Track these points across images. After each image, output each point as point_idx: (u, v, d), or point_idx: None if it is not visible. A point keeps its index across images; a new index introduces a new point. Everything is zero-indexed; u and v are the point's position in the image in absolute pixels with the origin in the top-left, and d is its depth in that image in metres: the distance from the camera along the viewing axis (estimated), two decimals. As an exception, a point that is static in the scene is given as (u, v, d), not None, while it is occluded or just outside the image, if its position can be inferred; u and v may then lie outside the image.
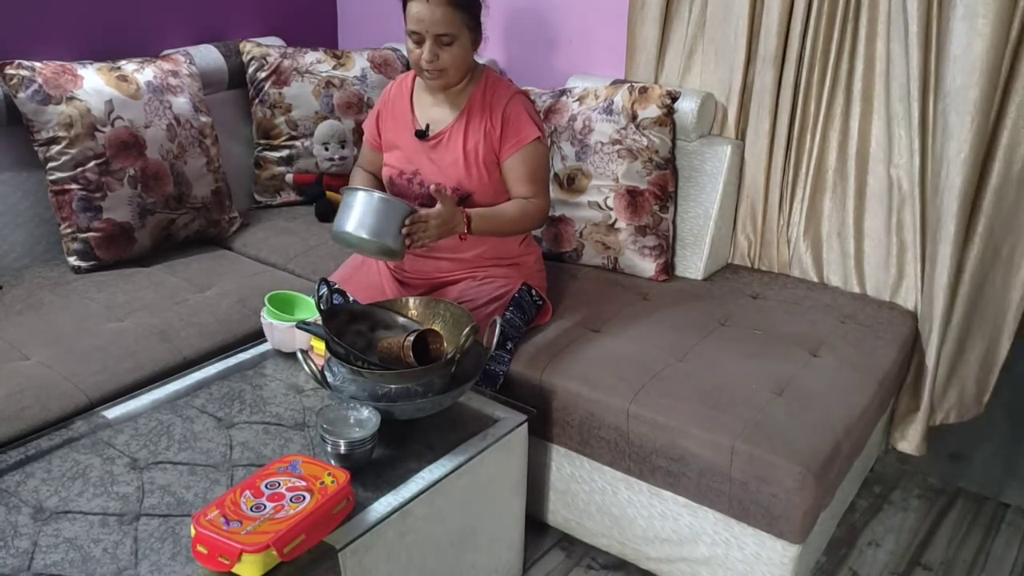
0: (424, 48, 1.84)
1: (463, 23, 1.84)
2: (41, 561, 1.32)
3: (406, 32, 1.87)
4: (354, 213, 1.76)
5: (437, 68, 1.86)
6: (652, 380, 1.85)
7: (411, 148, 2.00)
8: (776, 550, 1.71)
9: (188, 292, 2.17)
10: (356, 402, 1.60)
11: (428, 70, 1.87)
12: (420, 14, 1.81)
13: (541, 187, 1.99)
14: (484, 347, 1.77)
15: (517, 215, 1.95)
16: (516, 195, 1.98)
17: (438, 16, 1.80)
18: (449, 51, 1.85)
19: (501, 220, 1.94)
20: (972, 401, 2.28)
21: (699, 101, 2.31)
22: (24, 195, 2.28)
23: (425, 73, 1.89)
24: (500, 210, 1.95)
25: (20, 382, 1.74)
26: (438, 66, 1.86)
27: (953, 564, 2.07)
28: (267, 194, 2.76)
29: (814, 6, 2.15)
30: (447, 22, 1.81)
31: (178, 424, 1.67)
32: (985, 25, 1.87)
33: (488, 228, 1.91)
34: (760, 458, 1.65)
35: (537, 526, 2.06)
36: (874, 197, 2.24)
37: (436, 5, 1.80)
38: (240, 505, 1.33)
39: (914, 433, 2.27)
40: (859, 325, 2.12)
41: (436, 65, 1.86)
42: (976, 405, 2.28)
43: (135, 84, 2.29)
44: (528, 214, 1.96)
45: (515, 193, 1.98)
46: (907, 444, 2.29)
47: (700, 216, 2.36)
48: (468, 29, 1.86)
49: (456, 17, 1.82)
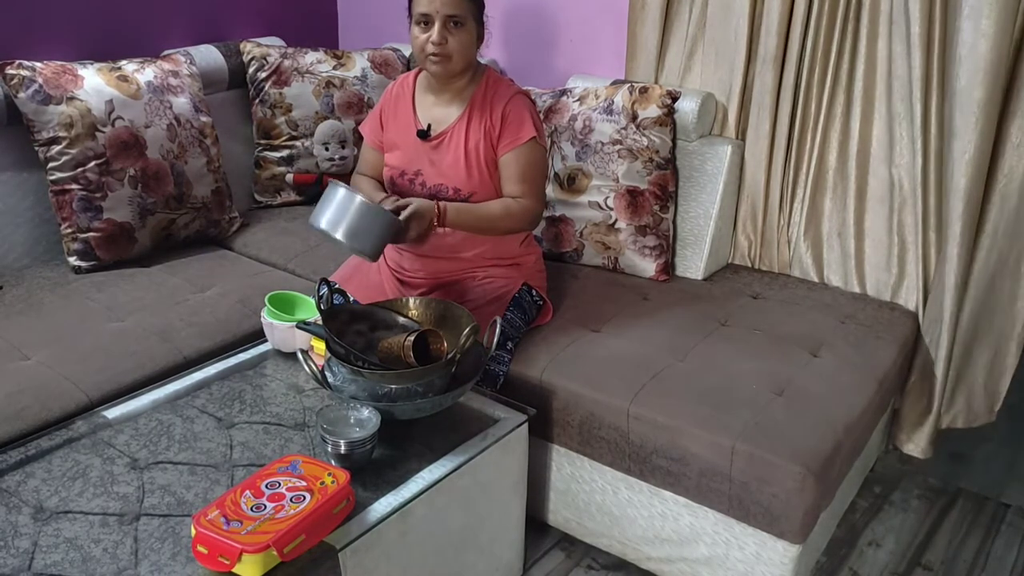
0: (433, 31, 1.84)
1: (471, 12, 1.87)
2: (41, 561, 1.32)
3: (412, 21, 1.88)
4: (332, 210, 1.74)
5: (443, 53, 1.86)
6: (652, 380, 1.85)
7: (413, 148, 2.00)
8: (776, 550, 1.71)
9: (188, 292, 2.17)
10: (356, 402, 1.60)
11: (434, 54, 1.86)
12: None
13: (532, 188, 1.96)
14: (484, 347, 1.77)
15: (498, 213, 1.93)
16: (506, 193, 1.97)
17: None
18: (457, 35, 1.85)
19: (479, 215, 1.92)
20: (982, 408, 2.26)
21: (699, 101, 2.31)
22: (24, 195, 2.28)
23: (430, 58, 1.88)
24: (480, 206, 1.93)
25: (20, 382, 1.74)
26: (445, 50, 1.86)
27: (953, 564, 2.07)
28: (267, 194, 2.76)
29: (814, 6, 2.15)
30: (458, 3, 1.84)
31: (178, 424, 1.67)
32: (989, 25, 1.87)
33: (465, 221, 1.91)
34: (760, 458, 1.65)
35: (537, 526, 2.06)
36: (875, 197, 2.24)
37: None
38: (240, 505, 1.33)
39: (921, 436, 2.27)
40: (859, 325, 2.12)
41: (443, 49, 1.85)
42: (987, 413, 2.26)
43: (135, 84, 2.29)
44: (511, 214, 1.94)
45: (505, 191, 1.97)
46: (913, 447, 2.29)
47: (700, 216, 2.36)
48: (475, 20, 1.89)
49: (465, 1, 1.85)
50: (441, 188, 1.97)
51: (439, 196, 1.97)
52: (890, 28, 2.10)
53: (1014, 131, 2.02)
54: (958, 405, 2.28)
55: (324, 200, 1.77)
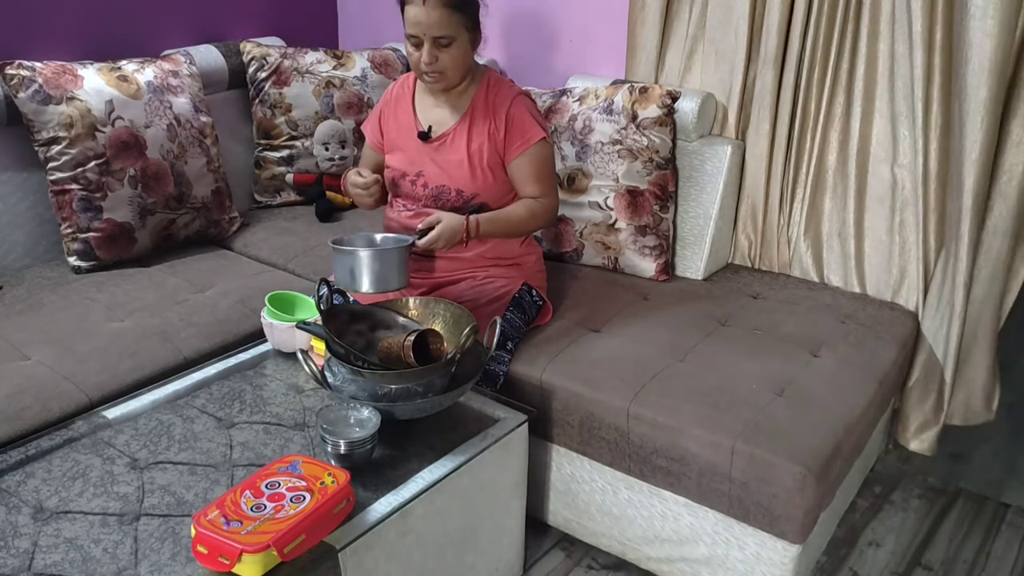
0: (423, 51, 1.84)
1: (461, 24, 1.84)
2: (41, 561, 1.32)
3: (405, 35, 1.87)
4: (355, 273, 1.77)
5: (436, 70, 1.86)
6: (652, 380, 1.85)
7: (414, 150, 2.00)
8: (776, 550, 1.71)
9: (188, 292, 2.17)
10: (356, 402, 1.60)
11: (427, 72, 1.87)
12: (417, 17, 1.81)
13: (549, 186, 2.00)
14: (484, 347, 1.77)
15: (525, 215, 1.97)
16: (524, 195, 1.99)
17: (435, 18, 1.80)
18: (448, 53, 1.85)
19: (510, 220, 1.96)
20: (981, 406, 2.27)
21: (699, 101, 2.31)
22: (24, 195, 2.28)
23: (425, 76, 1.89)
24: (507, 212, 1.97)
25: (20, 382, 1.74)
26: (437, 68, 1.86)
27: (953, 564, 2.07)
28: (267, 194, 2.76)
29: (815, 6, 2.15)
30: (444, 24, 1.81)
31: (178, 424, 1.67)
32: (994, 25, 1.87)
33: (496, 230, 1.95)
34: (760, 458, 1.65)
35: (537, 526, 2.06)
36: (875, 197, 2.24)
37: (432, 8, 1.79)
38: (240, 505, 1.33)
39: (929, 434, 2.26)
40: (859, 325, 2.12)
41: (435, 67, 1.86)
42: (986, 411, 2.27)
43: (135, 84, 2.29)
44: (536, 214, 1.98)
45: (523, 194, 1.99)
46: (919, 444, 2.28)
47: (700, 216, 2.36)
48: (466, 30, 1.86)
49: (453, 18, 1.82)
50: (444, 189, 1.97)
51: (441, 197, 1.98)
52: (892, 27, 2.10)
53: (1015, 129, 2.02)
54: (958, 401, 2.28)
55: (337, 264, 1.79)
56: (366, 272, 1.75)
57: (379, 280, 1.76)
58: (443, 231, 1.85)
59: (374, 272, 1.76)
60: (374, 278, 1.76)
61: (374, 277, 1.76)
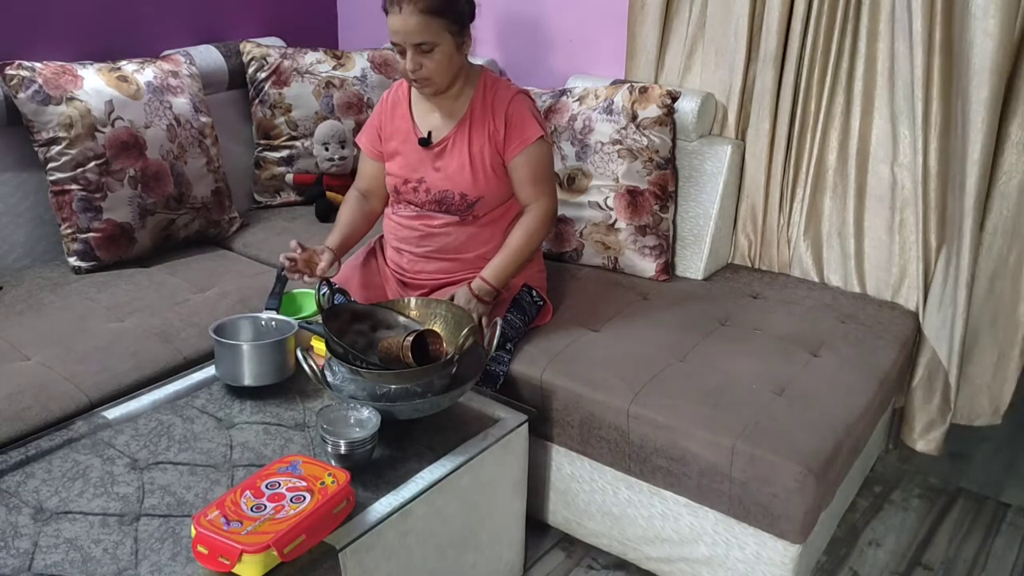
0: (407, 58, 1.83)
1: (442, 28, 1.81)
2: (41, 561, 1.32)
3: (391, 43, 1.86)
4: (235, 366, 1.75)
5: (422, 76, 1.85)
6: (652, 380, 1.85)
7: (414, 156, 2.00)
8: (777, 550, 1.71)
9: (188, 292, 2.17)
10: (356, 402, 1.60)
11: (415, 79, 1.86)
12: (396, 25, 1.80)
13: (546, 187, 1.99)
14: (484, 347, 1.77)
15: (523, 242, 1.97)
16: (521, 197, 1.99)
17: (412, 25, 1.78)
18: (431, 58, 1.82)
19: (513, 258, 1.96)
20: (986, 409, 2.26)
21: (699, 101, 2.30)
22: (24, 195, 2.28)
23: (413, 83, 1.88)
24: (507, 251, 1.97)
25: (20, 382, 1.74)
26: (423, 74, 1.85)
27: (953, 564, 2.06)
28: (267, 194, 2.76)
29: (814, 6, 2.15)
30: (423, 30, 1.79)
31: (178, 424, 1.67)
32: (994, 25, 1.88)
33: (505, 275, 1.96)
34: (760, 458, 1.65)
35: (538, 526, 2.06)
36: (875, 196, 2.24)
37: (409, 15, 1.78)
38: (240, 505, 1.33)
39: (936, 434, 2.26)
40: (859, 325, 2.12)
41: (420, 74, 1.84)
42: (992, 415, 2.26)
43: (135, 84, 2.29)
44: (532, 232, 1.98)
45: (520, 195, 1.99)
46: (925, 444, 2.28)
47: (700, 216, 2.36)
48: (449, 33, 1.83)
49: (432, 24, 1.79)
50: (447, 193, 1.97)
51: (444, 201, 1.97)
52: (891, 27, 2.10)
53: (1014, 129, 2.02)
54: (963, 400, 2.28)
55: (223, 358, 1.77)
56: (246, 365, 1.74)
57: (262, 374, 1.75)
58: (476, 307, 1.90)
59: (255, 366, 1.74)
60: (255, 372, 1.74)
61: (255, 371, 1.74)
